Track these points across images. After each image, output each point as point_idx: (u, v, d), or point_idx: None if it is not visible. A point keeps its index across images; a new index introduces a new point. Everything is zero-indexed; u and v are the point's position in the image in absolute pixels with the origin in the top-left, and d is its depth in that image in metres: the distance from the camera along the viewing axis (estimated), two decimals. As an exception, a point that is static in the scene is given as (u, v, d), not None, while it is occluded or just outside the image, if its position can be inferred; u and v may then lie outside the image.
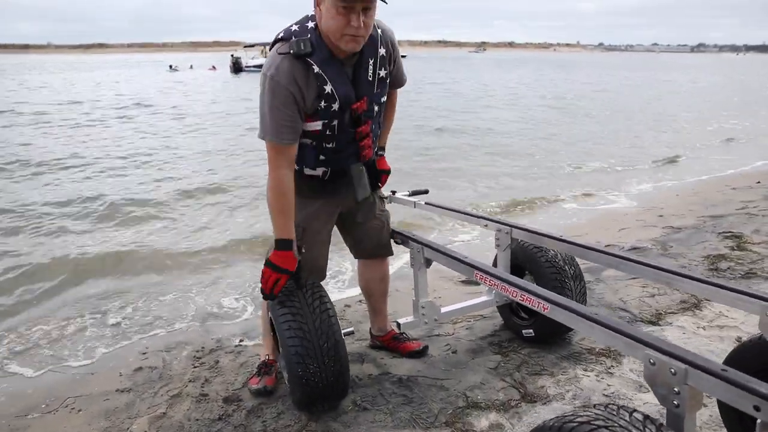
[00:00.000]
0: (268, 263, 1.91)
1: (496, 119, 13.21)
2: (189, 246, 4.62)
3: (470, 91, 22.82)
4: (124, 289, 3.78)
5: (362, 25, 1.69)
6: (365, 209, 2.26)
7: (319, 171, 2.03)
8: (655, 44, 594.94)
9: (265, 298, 1.96)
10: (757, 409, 1.06)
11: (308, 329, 1.87)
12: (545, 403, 2.08)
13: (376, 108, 1.99)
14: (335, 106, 1.84)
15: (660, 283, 1.79)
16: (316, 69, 1.77)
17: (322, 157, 1.98)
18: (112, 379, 2.56)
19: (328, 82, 1.80)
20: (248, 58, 42.32)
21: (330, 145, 1.95)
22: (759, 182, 6.30)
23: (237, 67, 40.71)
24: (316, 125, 1.87)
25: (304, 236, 2.05)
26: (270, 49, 1.85)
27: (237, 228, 5.14)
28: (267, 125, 1.80)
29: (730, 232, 4.21)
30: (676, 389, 1.20)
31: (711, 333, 2.58)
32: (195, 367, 2.61)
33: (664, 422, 1.23)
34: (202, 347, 2.83)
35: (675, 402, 1.21)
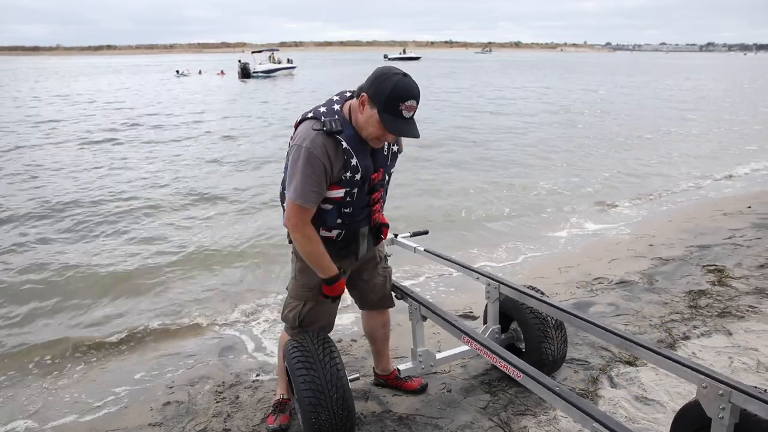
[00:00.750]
0: (322, 293, 2.30)
1: (503, 141, 13.26)
2: (201, 286, 4.89)
3: (478, 103, 22.87)
4: (140, 328, 4.06)
5: (392, 140, 2.13)
6: (371, 268, 2.56)
7: (334, 233, 2.31)
8: (663, 44, 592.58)
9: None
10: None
11: (320, 382, 2.17)
12: (527, 444, 2.37)
13: (387, 178, 2.32)
14: (357, 177, 2.14)
15: (620, 348, 2.07)
16: (344, 144, 2.07)
17: (339, 221, 2.27)
18: (144, 414, 2.88)
19: (354, 156, 2.10)
20: (255, 64, 42.80)
21: (347, 210, 2.24)
22: (750, 207, 6.54)
23: (245, 73, 41.09)
24: (339, 192, 2.16)
25: (318, 296, 2.35)
26: (297, 126, 2.15)
27: (246, 274, 5.23)
28: (299, 189, 2.08)
29: (714, 265, 4.48)
30: (617, 456, 1.49)
31: (681, 374, 2.85)
32: (217, 402, 2.92)
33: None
34: (223, 382, 3.14)
35: (617, 466, 1.50)
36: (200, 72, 51.64)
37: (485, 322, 2.94)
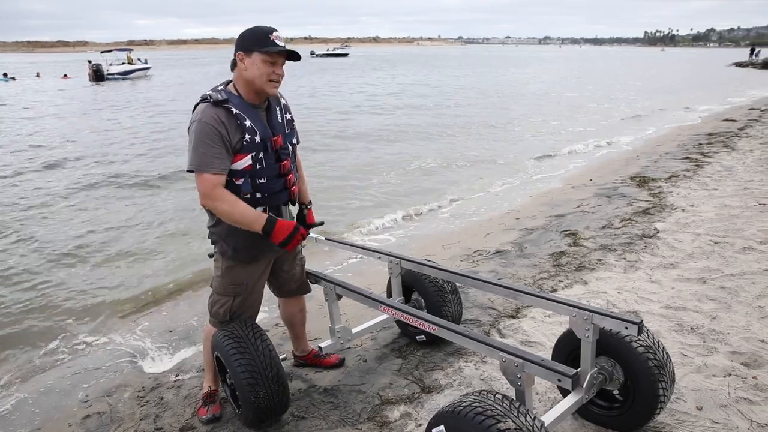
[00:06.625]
0: (282, 243, 2.28)
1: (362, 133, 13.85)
2: (93, 295, 4.75)
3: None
4: (31, 352, 3.87)
5: (282, 73, 2.26)
6: (290, 259, 2.75)
7: (260, 210, 2.41)
8: (508, 37, 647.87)
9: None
10: (558, 380, 1.78)
11: (255, 363, 2.35)
12: (439, 392, 2.75)
13: (290, 147, 2.48)
14: (257, 138, 2.29)
15: (507, 297, 2.51)
16: (234, 110, 2.23)
17: (258, 195, 2.38)
18: (63, 431, 2.82)
19: (246, 119, 2.26)
20: (107, 65, 39.43)
21: (262, 181, 2.37)
22: (591, 180, 7.64)
23: (98, 75, 37.35)
24: (247, 161, 2.29)
25: (246, 290, 2.52)
26: (194, 110, 2.27)
27: (141, 276, 5.27)
28: (199, 159, 2.19)
29: (569, 230, 5.26)
30: (518, 375, 1.89)
31: (554, 320, 3.43)
32: (141, 406, 2.94)
33: (514, 397, 1.92)
34: (143, 387, 3.15)
35: (519, 383, 1.90)
36: (38, 75, 46.02)
37: (389, 296, 3.28)
